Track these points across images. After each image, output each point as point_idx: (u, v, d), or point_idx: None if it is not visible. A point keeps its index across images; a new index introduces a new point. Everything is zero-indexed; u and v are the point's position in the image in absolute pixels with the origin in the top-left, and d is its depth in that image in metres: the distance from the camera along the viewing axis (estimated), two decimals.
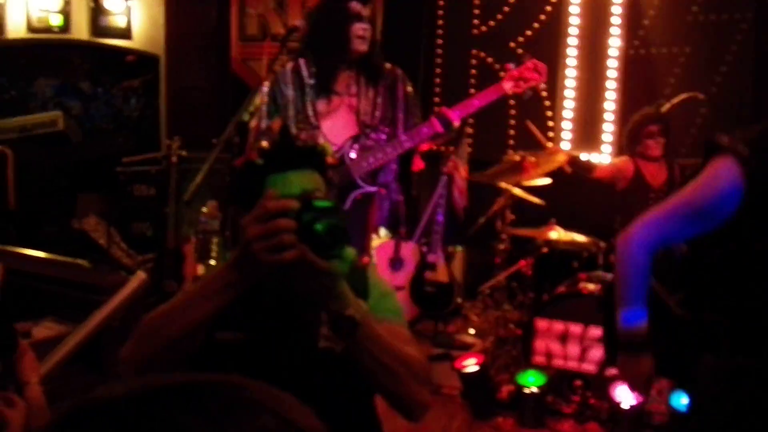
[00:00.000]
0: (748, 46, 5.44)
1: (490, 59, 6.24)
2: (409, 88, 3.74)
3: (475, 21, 6.32)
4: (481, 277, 5.17)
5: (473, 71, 6.30)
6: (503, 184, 4.72)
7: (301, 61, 3.66)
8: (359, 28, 3.55)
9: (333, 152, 2.46)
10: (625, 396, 3.79)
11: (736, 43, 5.47)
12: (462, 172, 4.94)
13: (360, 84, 3.65)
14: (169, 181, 4.81)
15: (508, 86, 3.62)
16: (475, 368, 4.05)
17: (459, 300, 5.22)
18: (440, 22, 6.42)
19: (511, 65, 3.65)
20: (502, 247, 4.82)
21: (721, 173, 1.99)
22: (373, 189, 3.54)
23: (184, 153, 4.92)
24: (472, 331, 4.76)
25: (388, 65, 3.71)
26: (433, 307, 5.11)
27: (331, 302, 1.59)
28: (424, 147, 3.65)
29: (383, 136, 3.62)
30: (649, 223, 2.11)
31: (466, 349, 4.44)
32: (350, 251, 1.55)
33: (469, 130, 6.16)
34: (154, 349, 1.64)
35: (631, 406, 3.78)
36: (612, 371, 3.95)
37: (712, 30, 5.53)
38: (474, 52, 6.30)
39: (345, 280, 1.60)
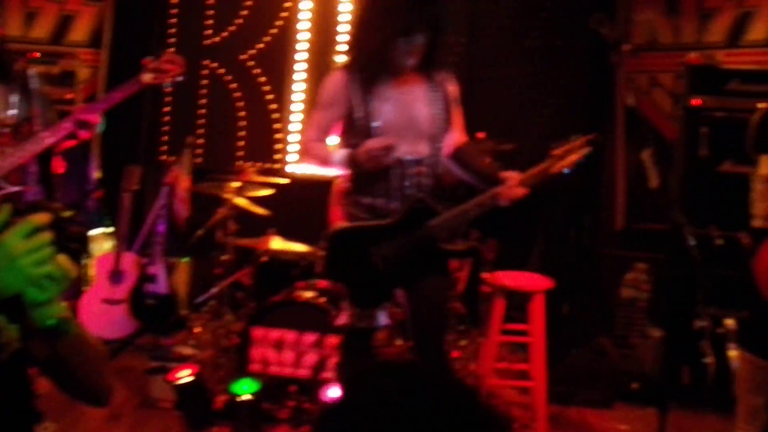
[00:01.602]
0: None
1: (221, 70, 6.24)
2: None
3: (208, 32, 6.30)
4: (205, 288, 5.13)
5: (204, 81, 6.26)
6: (226, 195, 4.72)
7: None
8: None
9: None
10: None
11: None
12: (184, 183, 4.88)
13: None
14: None
15: (147, 78, 3.65)
16: (189, 379, 4.01)
17: (184, 312, 5.14)
18: (172, 30, 6.32)
19: (150, 58, 3.70)
20: (224, 257, 4.82)
21: None
22: (16, 189, 3.39)
23: None
24: (192, 342, 4.70)
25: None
26: (155, 320, 5.00)
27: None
28: (65, 145, 3.57)
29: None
30: None
31: (184, 361, 4.38)
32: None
33: (199, 141, 6.11)
34: None
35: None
36: (325, 374, 4.10)
37: None
38: (205, 62, 6.27)
39: None
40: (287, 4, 6.15)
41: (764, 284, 3.59)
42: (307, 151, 3.46)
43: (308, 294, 4.25)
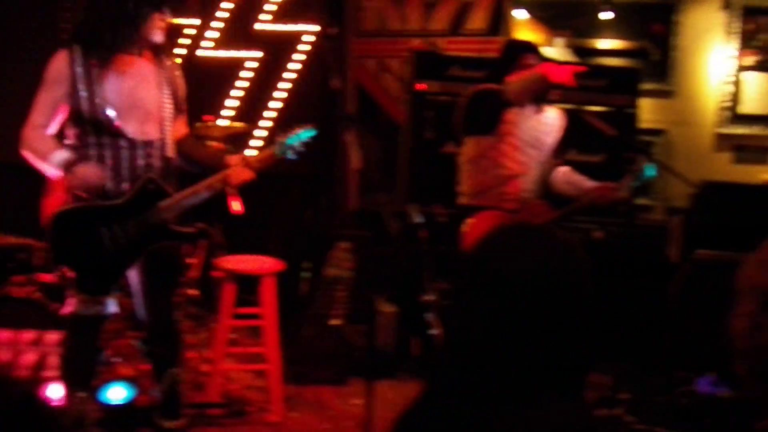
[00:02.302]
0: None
1: None
2: None
3: None
4: None
5: None
6: None
7: None
8: None
9: None
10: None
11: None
12: None
13: None
14: None
15: None
16: None
17: None
18: None
19: None
20: None
21: None
22: None
23: None
24: None
25: None
26: None
27: None
28: None
29: None
30: None
31: None
32: None
33: None
34: None
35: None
36: (46, 373, 3.84)
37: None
38: None
39: None
40: None
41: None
42: (26, 141, 3.24)
43: (24, 289, 3.94)
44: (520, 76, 3.66)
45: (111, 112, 3.16)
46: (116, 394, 3.66)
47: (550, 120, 3.96)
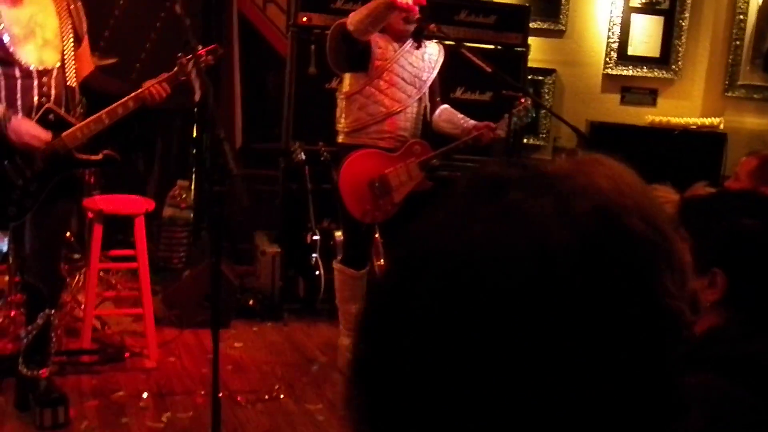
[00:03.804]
0: None
1: None
2: None
3: None
4: None
5: None
6: None
7: None
8: None
9: None
10: None
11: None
12: None
13: None
14: None
15: None
16: None
17: None
18: None
19: None
20: None
21: None
22: None
23: None
24: None
25: None
26: None
27: None
28: None
29: None
30: None
31: None
32: None
33: None
34: None
35: None
36: None
37: None
38: None
39: None
40: None
41: (347, 199, 3.76)
42: None
43: None
44: (361, 8, 3.56)
45: (6, 38, 3.04)
46: None
47: (430, 56, 3.87)
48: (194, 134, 5.47)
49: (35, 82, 3.10)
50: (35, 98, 3.11)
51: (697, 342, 1.11)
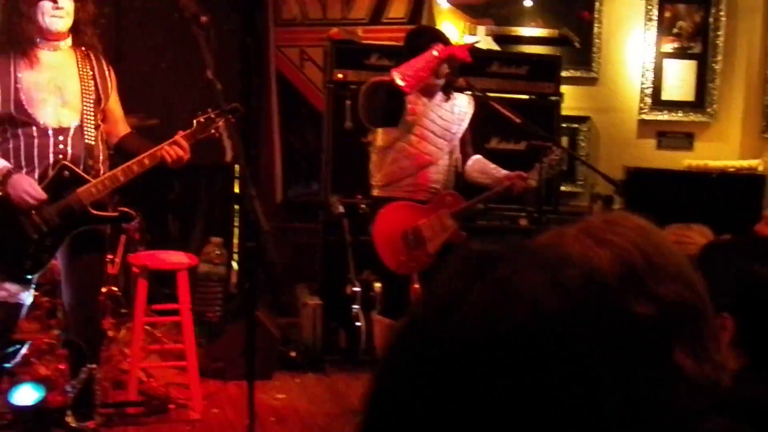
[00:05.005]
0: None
1: None
2: None
3: None
4: None
5: None
6: None
7: None
8: None
9: None
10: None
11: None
12: None
13: None
14: None
15: None
16: None
17: None
18: None
19: None
20: None
21: None
22: None
23: None
24: None
25: None
26: None
27: None
28: None
29: None
30: None
31: None
32: None
33: None
34: None
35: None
36: None
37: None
38: None
39: None
40: None
41: (382, 251, 3.83)
42: None
43: None
44: (408, 63, 3.63)
45: (24, 99, 3.18)
46: (25, 395, 3.57)
47: (459, 108, 3.95)
48: (236, 190, 5.62)
49: (51, 140, 3.21)
50: (51, 156, 3.21)
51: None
